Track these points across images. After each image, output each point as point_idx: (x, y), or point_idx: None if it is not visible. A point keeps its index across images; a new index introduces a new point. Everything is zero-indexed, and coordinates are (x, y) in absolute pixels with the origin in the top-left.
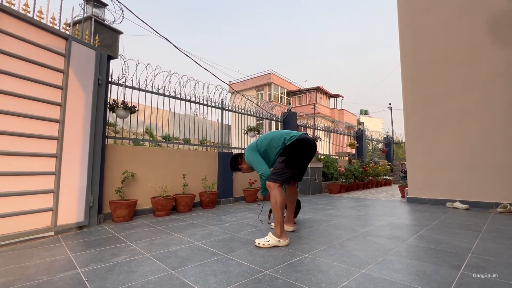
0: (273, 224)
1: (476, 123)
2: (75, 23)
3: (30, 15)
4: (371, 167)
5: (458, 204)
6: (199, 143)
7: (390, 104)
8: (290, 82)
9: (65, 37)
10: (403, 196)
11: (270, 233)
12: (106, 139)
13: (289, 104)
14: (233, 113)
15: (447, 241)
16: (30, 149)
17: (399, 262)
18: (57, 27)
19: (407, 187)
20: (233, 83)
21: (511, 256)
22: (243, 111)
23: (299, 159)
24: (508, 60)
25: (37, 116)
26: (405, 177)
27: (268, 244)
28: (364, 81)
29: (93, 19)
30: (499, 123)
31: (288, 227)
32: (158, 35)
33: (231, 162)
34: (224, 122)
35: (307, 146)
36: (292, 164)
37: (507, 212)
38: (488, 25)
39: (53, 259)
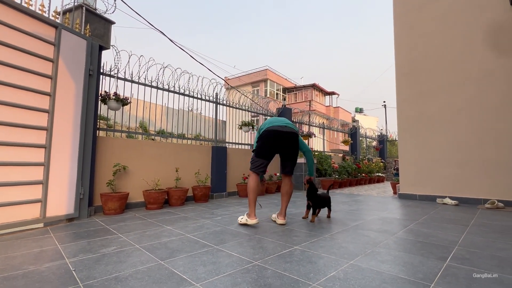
0: (273, 215)
1: (467, 121)
2: (65, 12)
3: (18, 1)
4: (365, 164)
5: (448, 200)
6: (193, 138)
7: (384, 102)
8: (286, 79)
9: (55, 25)
10: (395, 192)
11: (246, 213)
12: (98, 131)
13: (284, 100)
14: (228, 109)
15: (435, 234)
16: (17, 139)
17: (387, 254)
18: (46, 15)
19: (399, 183)
20: (229, 79)
21: (496, 249)
22: (237, 106)
23: (268, 149)
24: (500, 58)
25: (25, 105)
26: (397, 174)
27: (240, 221)
28: (360, 80)
29: (84, 8)
30: (489, 121)
31: (278, 220)
32: (153, 27)
33: None
34: (218, 117)
35: (273, 136)
36: (260, 154)
37: (494, 208)
38: (482, 23)
39: (40, 249)
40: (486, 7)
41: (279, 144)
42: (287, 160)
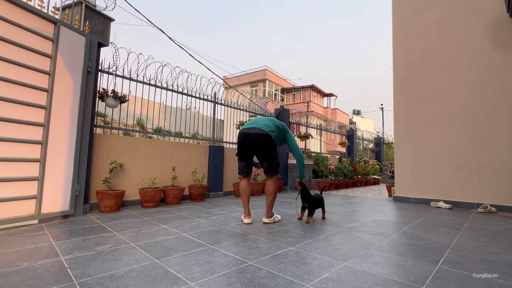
0: (264, 218)
1: (462, 125)
2: (64, 8)
3: None
4: (361, 166)
5: (441, 204)
6: (191, 137)
7: (382, 105)
8: (284, 79)
9: (54, 21)
10: (390, 195)
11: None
12: (95, 128)
13: (283, 100)
14: (226, 108)
15: (428, 237)
16: (13, 135)
17: (380, 256)
18: (45, 11)
19: (394, 186)
20: (227, 78)
21: (487, 253)
22: (236, 105)
23: (239, 151)
24: (496, 64)
25: (22, 101)
26: (393, 177)
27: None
28: (359, 82)
29: (83, 4)
30: (483, 126)
31: (263, 218)
32: (152, 25)
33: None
34: (216, 116)
35: (242, 138)
36: (238, 157)
37: (487, 212)
38: (479, 29)
39: (35, 246)
40: (483, 15)
41: (248, 145)
42: (261, 161)
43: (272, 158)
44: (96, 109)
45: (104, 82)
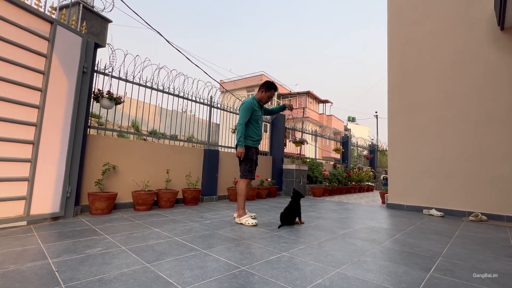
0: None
1: (454, 134)
2: (62, 7)
3: None
4: (355, 172)
5: (434, 212)
6: (186, 140)
7: (376, 112)
8: (281, 85)
9: (50, 21)
10: (383, 202)
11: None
12: (89, 129)
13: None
14: (222, 112)
15: (420, 245)
16: (3, 134)
17: (373, 263)
18: (42, 10)
19: (387, 193)
20: (224, 82)
21: (478, 261)
22: (232, 110)
23: None
24: (487, 75)
25: (14, 100)
26: (386, 184)
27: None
28: (355, 89)
29: (81, 5)
30: (475, 135)
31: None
32: (150, 27)
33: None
34: (212, 120)
35: None
36: None
37: (478, 220)
38: (471, 40)
39: (22, 248)
40: (475, 26)
41: None
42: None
43: (240, 162)
44: (91, 110)
45: (100, 83)
